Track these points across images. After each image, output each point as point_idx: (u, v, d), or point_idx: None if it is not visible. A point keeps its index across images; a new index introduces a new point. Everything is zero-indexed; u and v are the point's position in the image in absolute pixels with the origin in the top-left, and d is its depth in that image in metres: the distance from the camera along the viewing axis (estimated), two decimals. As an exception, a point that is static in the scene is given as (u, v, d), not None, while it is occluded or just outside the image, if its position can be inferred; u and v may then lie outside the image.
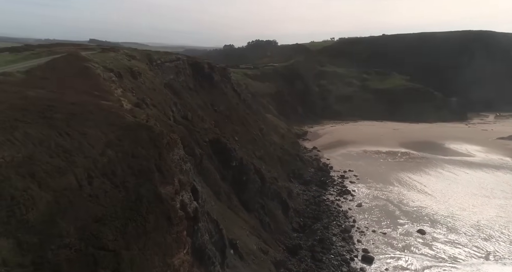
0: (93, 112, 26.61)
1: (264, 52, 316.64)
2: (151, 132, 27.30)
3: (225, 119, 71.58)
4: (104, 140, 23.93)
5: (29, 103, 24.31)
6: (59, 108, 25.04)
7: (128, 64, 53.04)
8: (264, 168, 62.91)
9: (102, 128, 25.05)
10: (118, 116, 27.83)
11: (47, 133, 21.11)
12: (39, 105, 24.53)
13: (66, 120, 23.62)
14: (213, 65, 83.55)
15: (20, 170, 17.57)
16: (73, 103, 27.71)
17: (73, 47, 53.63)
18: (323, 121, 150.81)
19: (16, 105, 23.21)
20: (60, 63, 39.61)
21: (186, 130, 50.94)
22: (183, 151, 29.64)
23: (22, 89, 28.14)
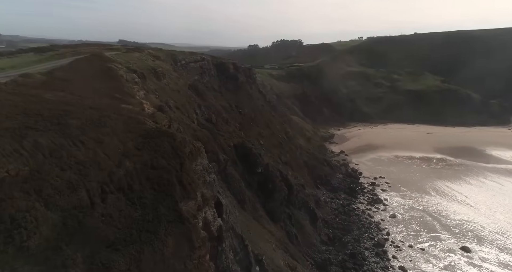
0: (111, 118, 24.62)
1: (289, 52, 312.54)
2: (172, 140, 24.98)
3: (250, 122, 68.99)
4: (121, 149, 21.79)
5: (45, 108, 22.58)
6: (75, 113, 23.18)
7: (152, 65, 51.56)
8: (291, 175, 59.74)
9: (120, 136, 22.97)
10: (138, 122, 25.73)
11: (59, 142, 19.13)
12: (55, 110, 22.75)
13: (82, 126, 21.65)
14: (238, 65, 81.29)
15: (26, 186, 15.54)
16: (91, 107, 25.89)
17: (98, 48, 52.90)
18: (350, 124, 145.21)
19: (30, 110, 21.50)
20: (82, 64, 38.38)
21: (210, 134, 48.75)
22: (207, 161, 27.15)
23: (40, 92, 26.67)
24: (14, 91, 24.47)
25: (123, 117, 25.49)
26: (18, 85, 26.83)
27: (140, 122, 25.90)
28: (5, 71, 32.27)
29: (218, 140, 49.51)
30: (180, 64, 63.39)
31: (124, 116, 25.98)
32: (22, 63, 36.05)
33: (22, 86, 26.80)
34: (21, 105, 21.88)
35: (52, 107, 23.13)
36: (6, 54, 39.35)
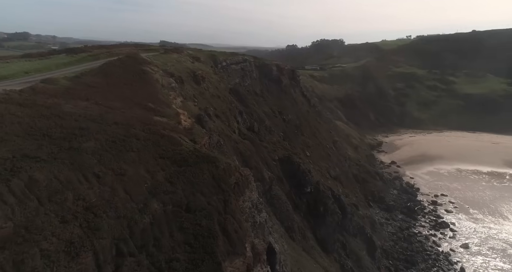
0: (140, 137, 19.37)
1: (330, 52, 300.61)
2: (214, 167, 19.23)
3: (295, 130, 62.37)
4: (149, 183, 16.34)
5: (57, 125, 17.76)
6: (95, 132, 18.16)
7: (191, 67, 46.75)
8: (341, 192, 52.27)
9: (148, 164, 17.58)
10: (173, 142, 20.29)
11: (65, 178, 13.97)
12: (69, 127, 17.86)
13: (100, 152, 16.47)
14: (282, 67, 74.95)
15: (2, 257, 10.36)
16: (116, 122, 20.87)
17: (134, 48, 49.25)
18: (399, 130, 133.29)
19: (37, 129, 16.71)
20: (114, 66, 34.13)
21: (252, 146, 42.94)
22: (256, 193, 21.14)
23: (59, 102, 22.16)
24: (26, 102, 20.07)
25: (154, 136, 20.17)
26: (35, 93, 22.60)
27: (175, 142, 20.45)
28: (29, 75, 28.64)
29: (261, 153, 43.49)
30: (220, 66, 58.34)
31: (156, 134, 20.67)
32: (51, 65, 32.54)
33: (40, 95, 22.52)
34: (27, 122, 17.16)
35: (66, 124, 18.28)
36: (37, 55, 36.38)
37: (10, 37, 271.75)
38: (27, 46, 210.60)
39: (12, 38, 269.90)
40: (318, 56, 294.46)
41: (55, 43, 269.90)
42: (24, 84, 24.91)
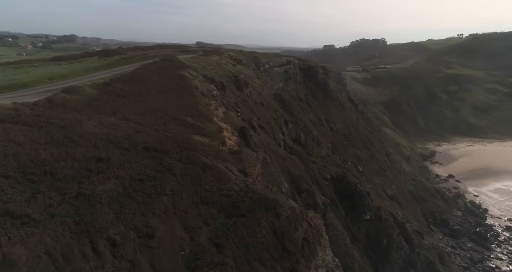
0: (175, 171, 14.31)
1: (372, 52, 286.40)
2: (275, 216, 13.85)
3: (344, 141, 55.56)
4: (187, 249, 11.19)
5: (67, 155, 13.14)
6: (116, 166, 13.37)
7: (232, 71, 41.79)
8: (401, 215, 44.87)
9: (187, 214, 12.46)
10: (218, 177, 15.04)
11: (62, 252, 9.13)
12: (83, 159, 13.20)
13: (120, 198, 11.56)
14: (328, 69, 68.28)
15: None
16: (146, 147, 16.03)
17: (172, 50, 45.29)
18: (453, 138, 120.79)
19: (38, 163, 12.14)
20: (149, 71, 29.83)
21: (300, 162, 37.10)
22: (330, 252, 15.39)
23: (79, 118, 17.77)
24: (37, 120, 15.79)
25: (194, 169, 15.05)
26: (52, 106, 18.43)
27: (221, 176, 15.20)
28: (53, 81, 24.93)
29: (311, 170, 37.53)
30: (263, 69, 53.03)
31: (196, 164, 15.54)
32: (79, 70, 28.93)
33: (57, 108, 18.33)
34: (29, 152, 12.67)
35: (81, 153, 13.63)
36: (68, 58, 33.21)
37: (59, 39, 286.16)
38: (73, 48, 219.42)
39: (60, 40, 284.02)
40: (358, 56, 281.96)
41: (98, 44, 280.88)
42: (43, 94, 21.07)
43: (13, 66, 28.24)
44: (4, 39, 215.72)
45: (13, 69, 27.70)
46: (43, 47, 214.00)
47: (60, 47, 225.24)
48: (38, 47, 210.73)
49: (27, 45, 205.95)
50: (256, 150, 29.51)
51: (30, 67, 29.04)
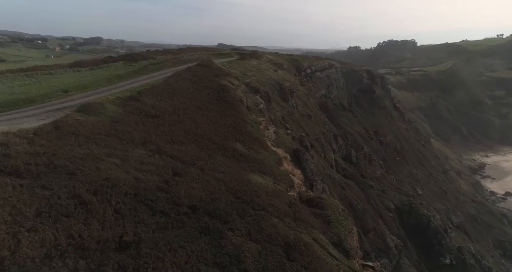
0: (246, 262, 8.53)
1: (402, 53, 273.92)
2: None
3: (396, 156, 48.51)
4: None
5: (64, 243, 7.56)
6: (151, 259, 7.69)
7: (275, 77, 35.97)
8: (474, 251, 37.34)
9: None
10: (311, 264, 9.15)
11: None
12: (91, 250, 7.58)
13: None
14: (374, 73, 61.24)
15: None
16: (193, 207, 10.38)
17: (205, 53, 39.99)
18: (502, 148, 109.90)
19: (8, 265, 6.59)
20: (184, 81, 24.41)
21: (359, 189, 30.72)
22: None
23: (96, 153, 12.41)
24: (34, 161, 10.53)
25: (272, 253, 9.15)
26: (60, 135, 13.20)
27: (317, 267, 9.20)
28: (68, 95, 19.91)
29: (372, 199, 31.15)
30: (304, 74, 47.03)
31: (273, 240, 9.72)
32: (101, 79, 23.96)
33: (67, 138, 13.08)
34: None
35: (88, 234, 8.06)
36: (89, 64, 28.47)
37: (85, 41, 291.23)
38: (98, 50, 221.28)
39: (87, 42, 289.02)
40: (387, 58, 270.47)
41: (122, 46, 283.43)
42: (52, 114, 15.99)
43: (25, 74, 23.56)
44: (34, 42, 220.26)
45: (24, 77, 23.02)
46: (70, 49, 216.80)
47: (87, 49, 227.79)
48: (65, 49, 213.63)
49: (55, 47, 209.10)
50: (314, 179, 23.58)
51: (44, 75, 24.31)
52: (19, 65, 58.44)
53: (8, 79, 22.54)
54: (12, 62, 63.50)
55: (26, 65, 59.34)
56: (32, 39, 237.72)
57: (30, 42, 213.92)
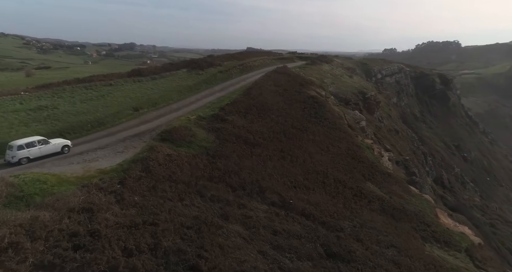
0: None
1: (446, 55, 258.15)
2: None
3: (486, 176, 41.60)
4: None
5: None
6: None
7: (353, 84, 31.02)
8: None
9: None
10: None
11: None
12: None
13: None
14: (448, 77, 54.43)
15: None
16: None
17: (267, 57, 35.71)
18: None
19: None
20: (268, 92, 19.99)
21: (470, 224, 24.77)
22: None
23: (207, 218, 8.09)
24: (133, 240, 6.33)
25: None
26: (152, 184, 9.13)
27: None
28: (140, 114, 16.02)
29: (493, 241, 25.15)
30: (375, 79, 41.54)
31: None
32: (169, 91, 20.15)
33: (160, 189, 8.90)
34: None
35: None
36: (149, 72, 24.87)
37: (120, 47, 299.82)
38: (133, 55, 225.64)
39: (121, 48, 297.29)
40: (429, 60, 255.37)
41: (155, 52, 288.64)
42: (130, 143, 11.92)
43: (83, 86, 20.17)
44: (73, 48, 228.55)
45: (84, 90, 19.60)
46: (106, 55, 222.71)
47: (122, 55, 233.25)
48: (102, 55, 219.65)
49: (92, 54, 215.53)
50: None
51: (104, 86, 20.84)
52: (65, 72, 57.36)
53: (67, 92, 19.22)
54: (57, 69, 62.69)
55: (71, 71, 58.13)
56: (71, 46, 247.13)
57: (69, 49, 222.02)
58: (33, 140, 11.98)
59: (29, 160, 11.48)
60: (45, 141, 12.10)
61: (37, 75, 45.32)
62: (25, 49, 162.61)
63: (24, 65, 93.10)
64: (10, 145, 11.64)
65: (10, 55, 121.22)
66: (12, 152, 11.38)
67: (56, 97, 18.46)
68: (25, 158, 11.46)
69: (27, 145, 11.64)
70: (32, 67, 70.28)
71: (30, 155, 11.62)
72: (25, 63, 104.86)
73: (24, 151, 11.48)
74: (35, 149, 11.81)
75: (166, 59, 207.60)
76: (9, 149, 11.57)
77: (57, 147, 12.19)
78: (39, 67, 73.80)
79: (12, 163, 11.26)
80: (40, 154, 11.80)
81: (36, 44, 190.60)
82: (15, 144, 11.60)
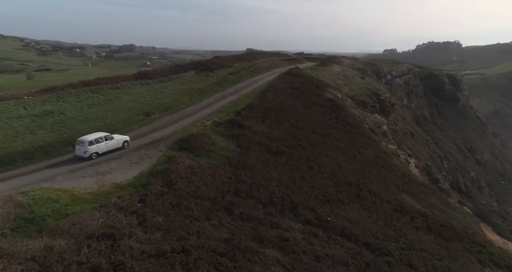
0: None
1: (447, 55, 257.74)
2: None
3: (500, 179, 40.68)
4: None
5: None
6: None
7: (367, 86, 30.13)
8: None
9: None
10: None
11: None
12: None
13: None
14: (457, 78, 53.51)
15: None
16: None
17: (275, 58, 34.77)
18: None
19: None
20: (285, 94, 18.99)
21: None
22: None
23: (240, 241, 7.13)
24: None
25: None
26: (175, 201, 8.22)
27: None
28: (152, 119, 14.95)
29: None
30: (384, 80, 40.69)
31: None
32: (180, 94, 19.16)
33: (184, 206, 7.96)
34: None
35: None
36: (156, 75, 23.81)
37: (119, 48, 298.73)
38: (132, 57, 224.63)
39: (121, 49, 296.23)
40: (430, 60, 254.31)
41: (155, 53, 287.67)
42: (145, 152, 10.93)
43: (89, 89, 19.18)
44: (73, 50, 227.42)
45: (89, 94, 18.61)
46: (106, 57, 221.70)
47: (121, 56, 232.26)
48: (101, 56, 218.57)
49: (92, 55, 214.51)
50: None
51: (110, 89, 19.85)
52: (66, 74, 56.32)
53: (72, 96, 18.21)
54: (58, 71, 61.82)
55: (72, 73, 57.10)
56: (71, 48, 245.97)
57: (69, 51, 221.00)
58: (101, 136, 12.40)
59: (98, 155, 11.93)
60: (110, 137, 12.55)
61: (39, 78, 44.41)
62: (24, 51, 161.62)
63: (23, 67, 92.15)
64: (80, 141, 11.97)
65: (10, 57, 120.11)
66: (83, 147, 11.78)
67: (62, 102, 17.50)
68: (95, 153, 11.86)
69: (96, 141, 12.08)
70: (32, 69, 69.37)
71: (99, 150, 12.05)
72: (24, 65, 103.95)
73: (94, 147, 11.92)
74: (103, 144, 12.24)
75: (166, 61, 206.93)
76: (79, 144, 11.93)
77: (119, 143, 12.67)
78: (39, 69, 72.91)
79: (83, 158, 11.65)
80: (106, 149, 12.22)
81: (35, 46, 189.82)
82: (86, 139, 11.98)
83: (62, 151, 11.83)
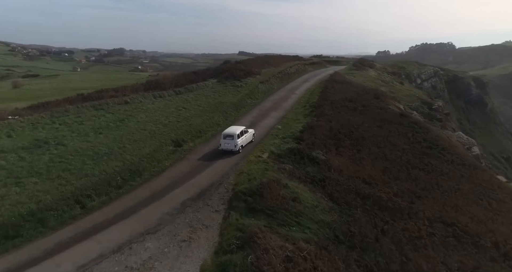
0: None
1: (442, 57, 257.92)
2: None
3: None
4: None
5: None
6: None
7: (412, 93, 26.17)
8: None
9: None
10: None
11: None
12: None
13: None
14: (484, 81, 50.20)
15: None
16: None
17: (299, 62, 30.65)
18: None
19: None
20: (343, 109, 14.86)
21: None
22: None
23: None
24: None
25: None
26: None
27: None
28: (184, 150, 10.45)
29: None
30: (415, 85, 36.99)
31: None
32: (211, 112, 14.80)
33: None
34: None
35: None
36: (172, 85, 19.32)
37: (109, 53, 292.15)
38: (123, 61, 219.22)
39: (111, 53, 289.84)
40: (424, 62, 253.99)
41: (146, 57, 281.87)
42: (192, 215, 6.88)
43: (91, 105, 14.80)
44: (61, 55, 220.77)
45: (93, 111, 14.27)
46: (96, 61, 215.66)
47: (112, 61, 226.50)
48: (91, 61, 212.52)
49: (81, 60, 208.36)
50: None
51: (118, 104, 15.52)
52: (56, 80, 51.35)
53: (71, 115, 13.74)
54: (46, 77, 56.65)
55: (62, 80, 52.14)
56: (59, 52, 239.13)
57: (57, 55, 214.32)
58: (242, 129, 12.43)
59: (241, 148, 12.09)
60: (245, 130, 12.71)
61: (26, 86, 39.44)
62: (10, 56, 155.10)
63: (10, 72, 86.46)
64: (229, 134, 11.89)
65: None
66: (233, 141, 11.81)
67: (58, 124, 13.03)
68: (241, 146, 12.01)
69: (241, 134, 12.18)
70: (19, 75, 64.20)
71: (243, 143, 12.24)
72: (10, 70, 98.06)
73: (240, 140, 12.04)
74: (244, 138, 12.35)
75: (157, 64, 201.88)
76: (225, 138, 11.86)
77: (250, 136, 12.87)
78: (27, 75, 67.76)
79: (233, 151, 11.64)
80: (245, 143, 12.41)
81: (21, 51, 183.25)
82: (235, 133, 11.93)
83: (65, 217, 7.32)
